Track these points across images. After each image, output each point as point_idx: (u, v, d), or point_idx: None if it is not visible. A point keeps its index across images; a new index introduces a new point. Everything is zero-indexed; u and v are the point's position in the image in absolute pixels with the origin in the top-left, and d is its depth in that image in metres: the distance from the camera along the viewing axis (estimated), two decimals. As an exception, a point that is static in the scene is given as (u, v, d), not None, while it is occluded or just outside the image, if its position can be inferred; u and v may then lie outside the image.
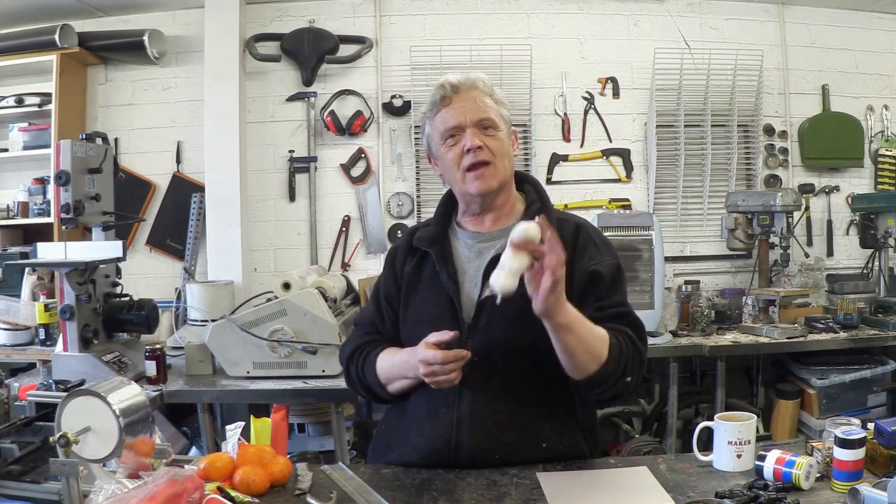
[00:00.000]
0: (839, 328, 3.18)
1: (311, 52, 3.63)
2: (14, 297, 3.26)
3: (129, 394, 1.35)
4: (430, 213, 1.76)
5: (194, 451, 3.11)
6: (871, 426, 1.40)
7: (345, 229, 3.74)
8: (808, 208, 3.79)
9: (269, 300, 2.67)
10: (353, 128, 3.66)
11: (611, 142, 3.77)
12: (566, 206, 3.68)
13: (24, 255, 3.39)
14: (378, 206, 3.73)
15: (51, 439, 1.27)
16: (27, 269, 3.31)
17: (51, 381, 1.86)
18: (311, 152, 3.72)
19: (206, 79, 3.55)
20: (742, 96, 3.72)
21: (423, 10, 3.75)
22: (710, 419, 1.50)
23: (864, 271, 3.68)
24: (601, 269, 1.52)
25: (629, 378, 1.45)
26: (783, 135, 3.83)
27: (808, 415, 3.20)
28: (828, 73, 3.84)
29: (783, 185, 3.79)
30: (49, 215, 3.51)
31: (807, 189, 3.79)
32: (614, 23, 3.78)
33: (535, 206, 1.59)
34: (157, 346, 2.61)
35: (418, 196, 3.71)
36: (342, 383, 1.70)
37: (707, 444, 1.50)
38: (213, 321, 2.79)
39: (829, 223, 3.85)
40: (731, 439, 1.43)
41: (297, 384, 2.57)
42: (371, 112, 3.69)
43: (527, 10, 3.77)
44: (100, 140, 2.74)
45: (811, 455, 1.40)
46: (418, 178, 3.72)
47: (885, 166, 3.84)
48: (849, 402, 3.14)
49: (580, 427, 1.57)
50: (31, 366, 3.13)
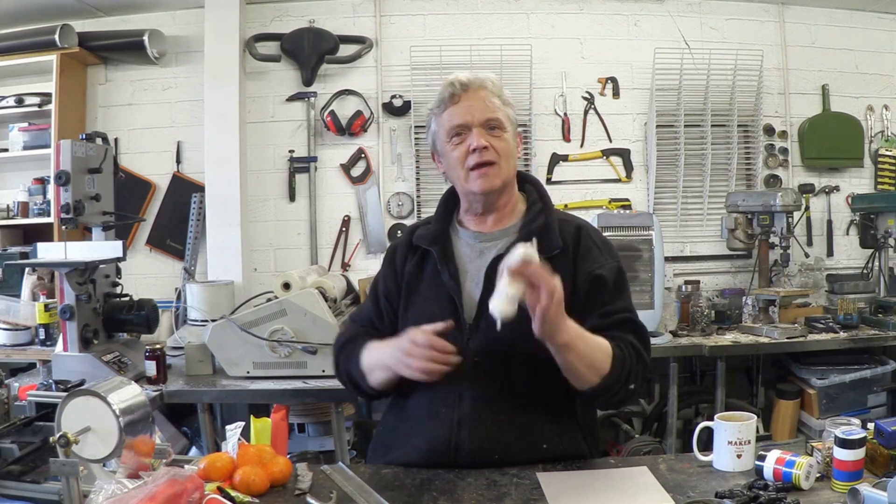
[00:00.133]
0: (839, 328, 3.18)
1: (311, 52, 3.63)
2: (14, 297, 3.26)
3: (129, 394, 1.34)
4: (430, 212, 1.75)
5: (194, 451, 3.11)
6: (871, 426, 1.40)
7: (345, 229, 3.74)
8: (808, 208, 3.79)
9: (269, 300, 2.67)
10: (353, 128, 3.66)
11: (611, 142, 3.77)
12: (566, 206, 3.68)
13: (24, 255, 3.39)
14: (378, 206, 3.73)
15: (51, 439, 1.27)
16: (27, 269, 3.31)
17: (51, 381, 1.86)
18: (311, 152, 3.72)
19: (206, 79, 3.55)
20: (742, 96, 3.72)
21: (423, 10, 3.75)
22: (710, 419, 1.50)
23: (864, 271, 3.68)
24: (604, 272, 1.53)
25: (632, 385, 1.47)
26: (783, 135, 3.83)
27: (808, 415, 3.20)
28: (828, 73, 3.84)
29: (783, 185, 3.79)
30: (49, 215, 3.51)
31: (807, 189, 3.79)
32: (614, 23, 3.78)
33: (537, 207, 1.60)
34: (157, 346, 2.61)
35: (418, 196, 3.71)
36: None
37: (707, 444, 1.50)
38: (213, 321, 2.79)
39: (829, 223, 3.85)
40: (731, 439, 1.43)
41: (297, 384, 2.57)
42: (371, 112, 3.69)
43: (527, 10, 3.77)
44: (100, 140, 2.74)
45: (811, 455, 1.40)
46: (418, 178, 3.72)
47: (885, 166, 3.84)
48: (849, 402, 3.14)
49: (580, 427, 1.57)
50: (31, 366, 3.13)
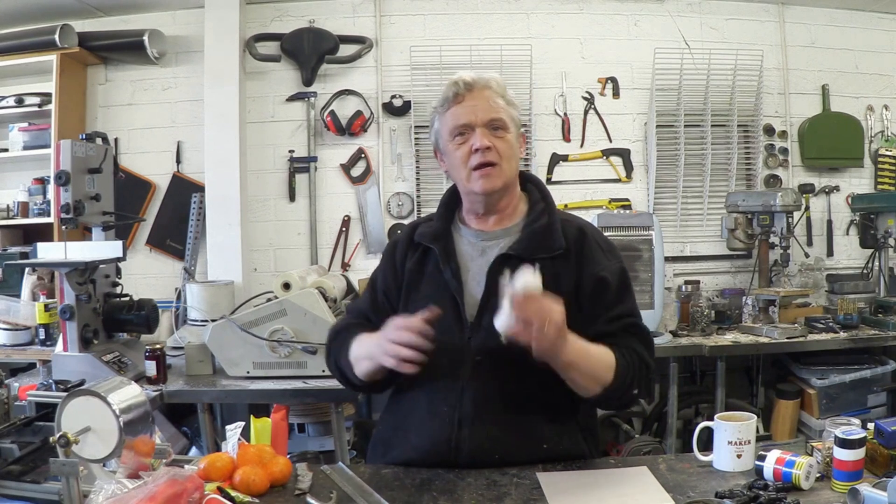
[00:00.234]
0: (839, 328, 3.18)
1: (311, 52, 3.63)
2: (14, 297, 3.26)
3: (129, 394, 1.35)
4: (430, 212, 1.75)
5: (194, 451, 3.11)
6: (871, 426, 1.40)
7: (345, 229, 3.74)
8: (808, 208, 3.79)
9: (269, 300, 2.67)
10: (353, 128, 3.66)
11: (611, 142, 3.77)
12: (566, 206, 3.68)
13: (24, 255, 3.39)
14: (378, 206, 3.73)
15: (51, 439, 1.27)
16: (27, 269, 3.31)
17: (51, 381, 1.86)
18: (311, 152, 3.72)
19: (206, 79, 3.55)
20: (742, 96, 3.72)
21: (423, 10, 3.75)
22: (710, 419, 1.50)
23: (864, 271, 3.68)
24: (608, 274, 1.54)
25: (635, 391, 1.50)
26: (783, 135, 3.83)
27: (808, 415, 3.20)
28: (828, 73, 3.84)
29: (783, 185, 3.79)
30: (49, 215, 3.51)
31: (807, 189, 3.79)
32: (614, 23, 3.78)
33: (539, 206, 1.60)
34: (157, 346, 2.61)
35: (418, 196, 3.71)
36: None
37: (707, 444, 1.50)
38: (213, 321, 2.79)
39: (829, 223, 3.85)
40: (731, 439, 1.44)
41: (297, 384, 2.57)
42: (371, 112, 3.68)
43: (527, 10, 3.77)
44: (100, 140, 2.74)
45: (811, 455, 1.40)
46: (418, 178, 3.72)
47: (885, 166, 3.84)
48: (849, 402, 3.14)
49: (580, 427, 1.57)
50: (31, 366, 3.13)
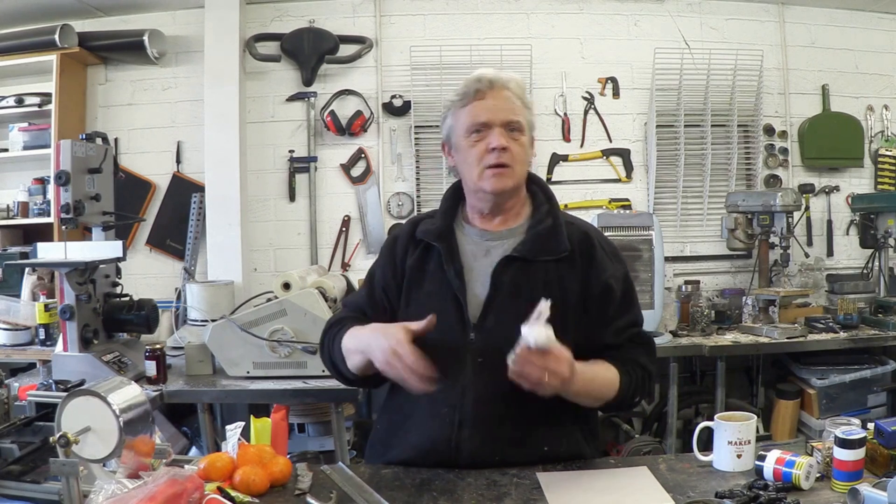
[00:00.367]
0: (839, 328, 3.18)
1: (311, 52, 3.63)
2: (14, 297, 3.26)
3: (129, 394, 1.34)
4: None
5: (194, 451, 3.11)
6: (871, 426, 1.40)
7: (345, 229, 3.74)
8: (808, 208, 3.79)
9: (269, 300, 2.67)
10: (353, 128, 3.66)
11: (611, 142, 3.77)
12: (566, 206, 3.68)
13: (24, 255, 3.39)
14: (378, 206, 3.73)
15: (51, 439, 1.27)
16: (27, 269, 3.31)
17: (51, 381, 1.86)
18: (311, 152, 3.72)
19: (206, 79, 3.55)
20: (742, 96, 3.72)
21: (423, 10, 3.75)
22: (710, 419, 1.50)
23: (864, 271, 3.68)
24: (614, 282, 1.55)
25: (637, 398, 1.56)
26: (783, 135, 3.83)
27: (808, 415, 3.20)
28: (828, 73, 3.84)
29: (783, 185, 3.79)
30: (49, 215, 3.51)
31: (807, 189, 3.79)
32: (614, 23, 3.78)
33: (544, 208, 1.59)
34: (157, 346, 2.61)
35: (418, 196, 3.71)
36: (342, 383, 1.69)
37: (707, 444, 1.50)
38: (213, 321, 2.79)
39: (829, 223, 3.85)
40: (731, 439, 1.43)
41: (297, 384, 2.57)
42: (371, 112, 3.68)
43: (527, 10, 3.77)
44: (100, 140, 2.74)
45: (811, 455, 1.40)
46: (418, 178, 3.72)
47: (885, 166, 3.84)
48: (849, 402, 3.14)
49: (581, 428, 1.57)
50: (31, 366, 3.13)
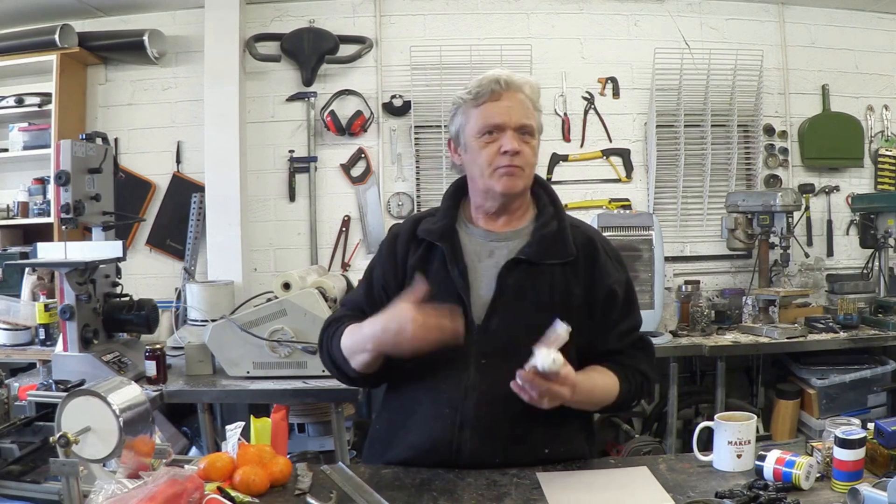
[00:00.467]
0: (839, 328, 3.18)
1: (311, 52, 3.63)
2: (14, 297, 3.26)
3: (129, 394, 1.34)
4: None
5: (194, 451, 3.11)
6: (871, 426, 1.40)
7: (345, 229, 3.74)
8: (808, 208, 3.79)
9: (269, 300, 2.67)
10: (353, 128, 3.66)
11: (611, 142, 3.77)
12: (566, 206, 3.67)
13: (24, 255, 3.39)
14: (378, 206, 3.73)
15: (51, 439, 1.27)
16: (27, 269, 3.31)
17: (51, 381, 1.86)
18: (311, 152, 3.72)
19: (206, 79, 3.55)
20: (742, 96, 3.72)
21: (423, 10, 3.75)
22: (710, 419, 1.50)
23: (864, 271, 3.68)
24: (618, 287, 1.56)
25: (635, 402, 1.58)
26: (783, 135, 3.83)
27: (808, 415, 3.20)
28: (828, 73, 3.84)
29: (783, 185, 3.79)
30: (49, 215, 3.51)
31: (807, 189, 3.79)
32: (614, 23, 3.78)
33: (549, 211, 1.58)
34: (157, 346, 2.61)
35: (418, 196, 3.71)
36: (342, 383, 1.68)
37: (707, 444, 1.50)
38: (213, 321, 2.79)
39: (829, 223, 3.85)
40: (731, 439, 1.44)
41: (297, 384, 2.57)
42: (371, 112, 3.68)
43: (527, 10, 3.77)
44: (100, 140, 2.74)
45: (811, 455, 1.40)
46: (418, 178, 3.72)
47: (885, 166, 3.84)
48: (849, 402, 3.14)
49: (582, 430, 1.58)
50: (31, 366, 3.13)
